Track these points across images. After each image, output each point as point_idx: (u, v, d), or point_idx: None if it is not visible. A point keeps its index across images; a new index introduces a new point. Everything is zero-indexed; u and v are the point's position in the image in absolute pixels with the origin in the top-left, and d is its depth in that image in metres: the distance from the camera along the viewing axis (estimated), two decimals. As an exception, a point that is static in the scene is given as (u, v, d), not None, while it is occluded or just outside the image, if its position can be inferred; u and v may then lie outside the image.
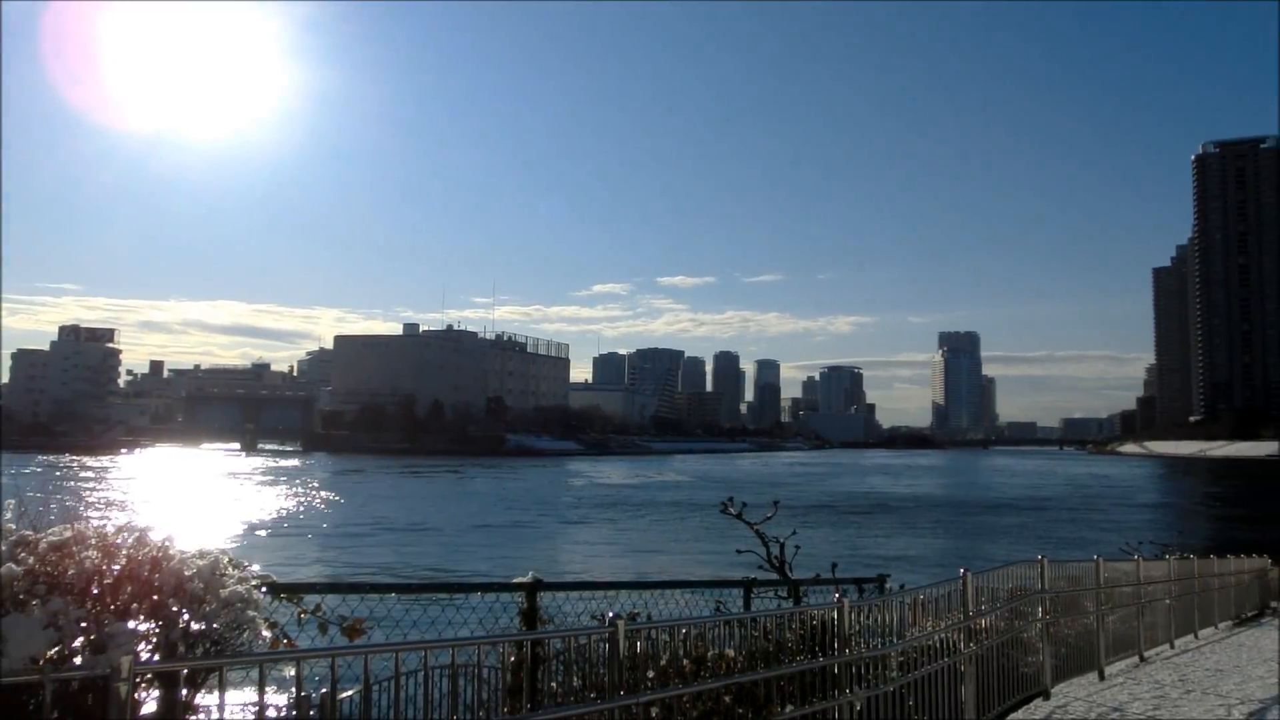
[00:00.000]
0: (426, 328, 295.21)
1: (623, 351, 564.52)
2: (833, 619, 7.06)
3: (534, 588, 7.55)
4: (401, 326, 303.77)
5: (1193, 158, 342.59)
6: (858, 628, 7.51)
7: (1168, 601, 16.82)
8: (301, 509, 74.20)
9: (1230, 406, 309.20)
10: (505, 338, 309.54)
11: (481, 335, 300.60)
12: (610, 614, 5.78)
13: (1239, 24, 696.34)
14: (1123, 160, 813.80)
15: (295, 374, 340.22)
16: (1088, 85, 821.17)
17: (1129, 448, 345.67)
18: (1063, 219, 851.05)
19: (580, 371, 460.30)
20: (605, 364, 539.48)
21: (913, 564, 46.92)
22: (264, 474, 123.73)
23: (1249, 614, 23.24)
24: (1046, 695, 10.97)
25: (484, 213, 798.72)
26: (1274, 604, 26.02)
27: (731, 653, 6.62)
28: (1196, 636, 18.28)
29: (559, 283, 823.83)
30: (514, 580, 7.73)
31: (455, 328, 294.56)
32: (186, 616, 4.60)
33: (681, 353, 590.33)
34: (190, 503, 74.05)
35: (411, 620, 7.33)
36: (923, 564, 46.51)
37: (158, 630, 4.53)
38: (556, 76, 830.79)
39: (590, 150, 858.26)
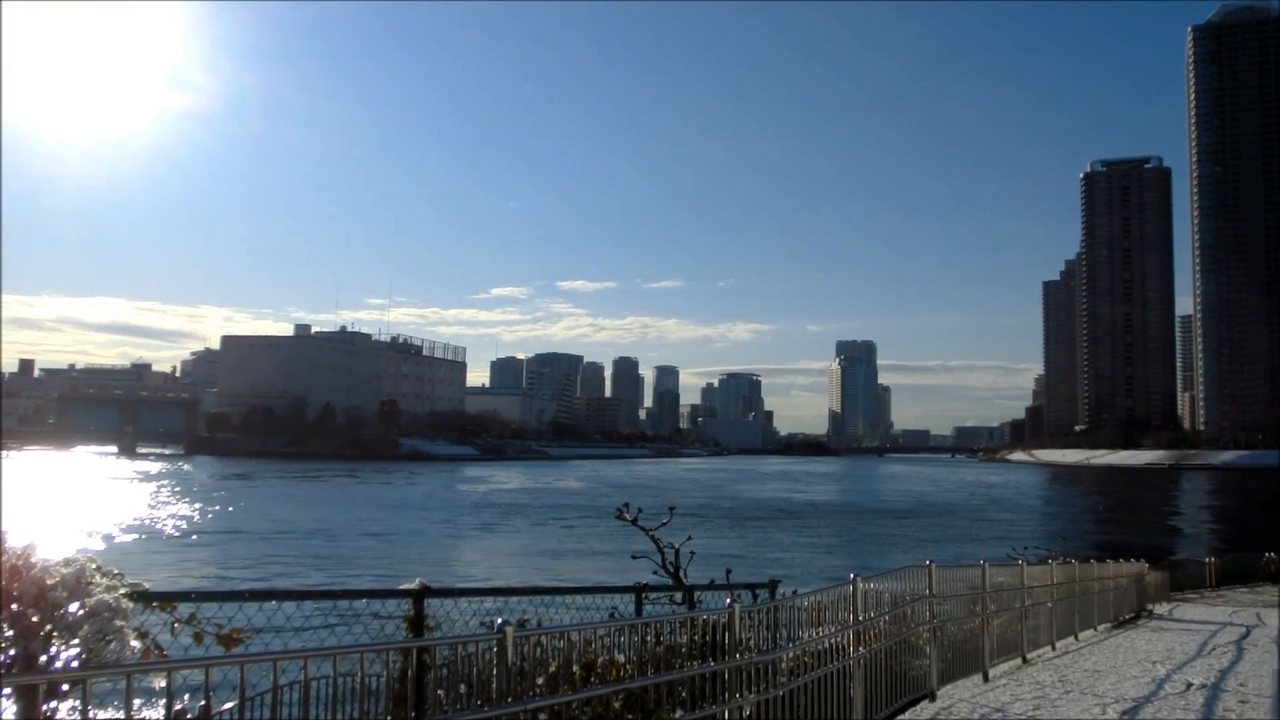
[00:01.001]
0: (319, 329, 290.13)
1: (521, 356, 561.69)
2: (724, 624, 7.08)
3: (422, 594, 7.38)
4: (293, 327, 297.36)
5: (1081, 176, 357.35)
6: (750, 633, 7.54)
7: (1050, 605, 17.38)
8: (182, 514, 71.58)
9: (1113, 416, 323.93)
10: (400, 340, 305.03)
11: (376, 337, 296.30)
12: (499, 620, 5.67)
13: (1130, 48, 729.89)
14: (1018, 175, 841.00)
15: (178, 375, 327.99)
16: (985, 101, 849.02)
17: (1018, 455, 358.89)
18: (959, 231, 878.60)
19: (477, 375, 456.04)
20: (503, 368, 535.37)
21: (807, 569, 47.78)
22: (143, 478, 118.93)
23: (1127, 616, 24.20)
24: (933, 697, 11.21)
25: (380, 212, 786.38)
26: (1150, 606, 27.22)
27: (622, 658, 6.58)
28: (1077, 638, 18.96)
29: (456, 285, 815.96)
30: (401, 587, 7.55)
31: (349, 329, 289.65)
32: (49, 627, 4.34)
33: (581, 358, 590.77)
34: (59, 508, 70.60)
35: (293, 629, 7.09)
36: (817, 569, 47.39)
37: (17, 641, 4.26)
38: (455, 75, 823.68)
39: (490, 151, 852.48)
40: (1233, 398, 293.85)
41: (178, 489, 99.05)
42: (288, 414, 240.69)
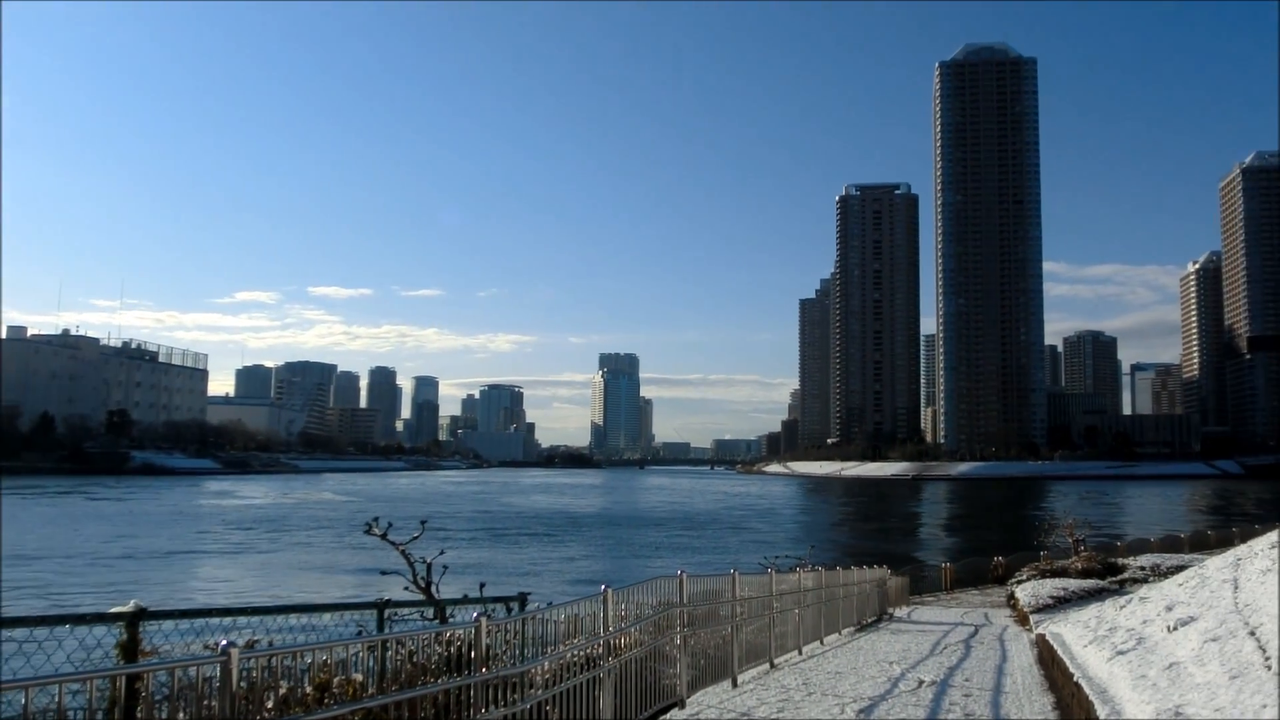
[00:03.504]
0: (36, 331, 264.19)
1: (270, 364, 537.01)
2: (471, 638, 6.81)
3: (137, 617, 6.65)
4: (4, 329, 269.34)
5: (837, 198, 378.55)
6: (504, 647, 7.33)
7: (798, 611, 18.04)
8: None
9: (863, 430, 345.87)
10: (133, 345, 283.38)
11: (104, 342, 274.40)
12: (224, 642, 5.17)
13: (887, 78, 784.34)
14: (779, 196, 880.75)
15: None
16: (748, 120, 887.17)
17: (774, 467, 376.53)
18: (720, 248, 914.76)
19: (221, 384, 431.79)
20: (249, 376, 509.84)
21: (565, 580, 47.90)
22: None
23: (870, 620, 25.58)
24: (682, 704, 11.31)
25: (109, 204, 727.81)
26: (891, 610, 28.96)
27: (360, 677, 6.20)
28: (823, 643, 19.78)
29: (197, 287, 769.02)
30: (112, 610, 6.78)
31: (71, 332, 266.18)
32: None
33: (334, 367, 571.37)
34: None
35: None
36: (575, 580, 47.60)
37: None
38: (199, 60, 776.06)
39: (235, 144, 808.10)
40: (969, 413, 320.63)
41: None
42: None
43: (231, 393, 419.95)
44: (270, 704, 5.54)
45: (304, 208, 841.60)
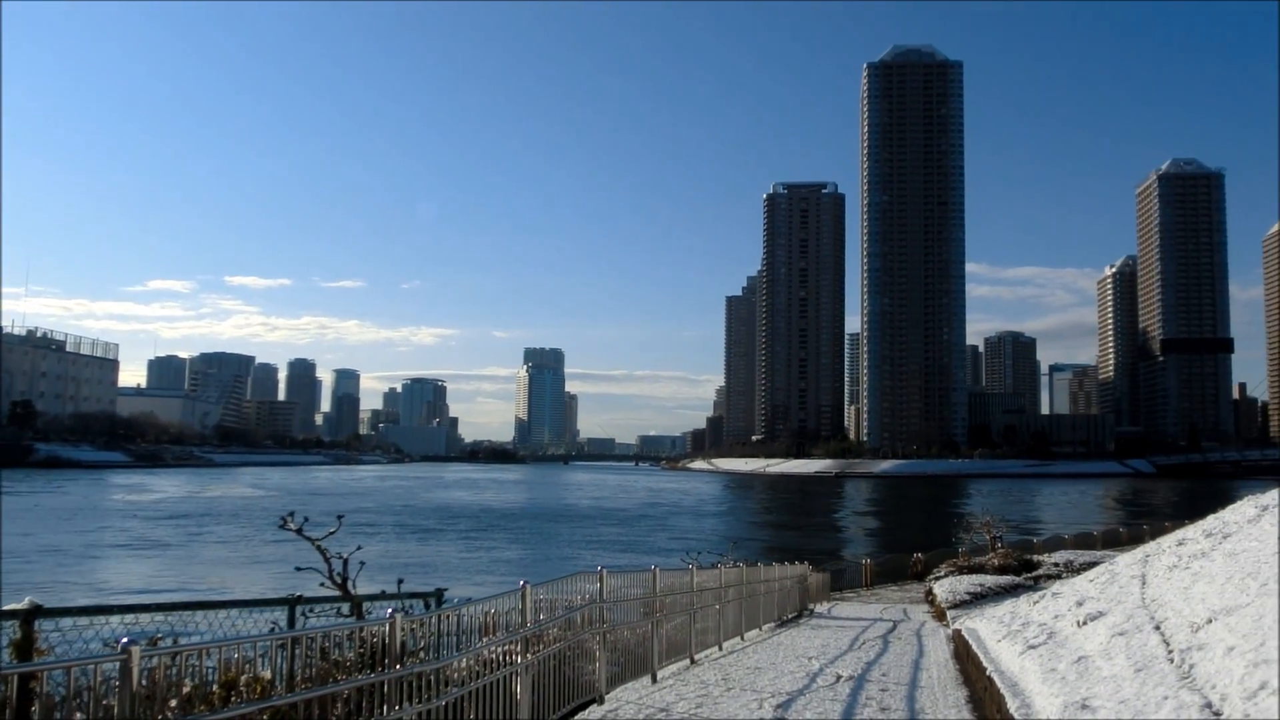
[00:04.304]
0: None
1: (184, 354, 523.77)
2: (385, 634, 6.67)
3: (31, 614, 6.36)
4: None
5: (764, 196, 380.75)
6: (421, 643, 7.21)
7: (718, 607, 18.13)
8: None
9: (787, 427, 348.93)
10: (39, 333, 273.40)
11: (8, 330, 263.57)
12: (125, 640, 4.96)
13: (817, 77, 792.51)
14: (707, 193, 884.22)
15: None
16: (678, 117, 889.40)
17: (699, 464, 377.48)
18: (648, 244, 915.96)
19: (132, 375, 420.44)
20: (162, 367, 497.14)
21: (487, 576, 47.57)
22: None
23: (790, 615, 25.82)
24: (600, 700, 11.28)
25: (15, 184, 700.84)
26: (811, 606, 29.25)
27: (268, 674, 6.02)
28: (743, 638, 19.92)
29: (107, 274, 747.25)
30: (5, 608, 6.48)
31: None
32: None
33: (252, 358, 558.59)
34: None
35: None
36: (497, 576, 47.35)
37: None
38: (112, 37, 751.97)
39: (150, 126, 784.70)
40: (892, 411, 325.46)
41: None
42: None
43: (143, 384, 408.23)
44: (174, 703, 5.34)
45: (221, 194, 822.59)
